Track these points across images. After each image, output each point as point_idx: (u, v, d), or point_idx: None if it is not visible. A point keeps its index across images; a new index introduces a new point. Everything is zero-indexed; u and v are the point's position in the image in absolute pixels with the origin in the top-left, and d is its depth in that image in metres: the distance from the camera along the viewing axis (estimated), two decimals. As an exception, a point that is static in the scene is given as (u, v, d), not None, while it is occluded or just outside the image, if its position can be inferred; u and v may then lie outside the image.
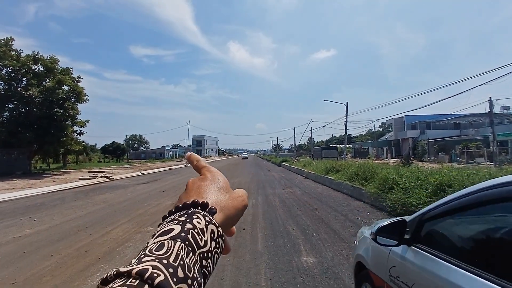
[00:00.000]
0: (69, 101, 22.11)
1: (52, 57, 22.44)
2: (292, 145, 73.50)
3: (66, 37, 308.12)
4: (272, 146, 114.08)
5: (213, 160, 65.28)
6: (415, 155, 35.85)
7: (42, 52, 23.06)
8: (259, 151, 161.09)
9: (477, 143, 31.07)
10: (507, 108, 39.51)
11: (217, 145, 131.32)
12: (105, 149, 63.77)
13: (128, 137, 79.55)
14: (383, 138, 56.44)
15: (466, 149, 30.79)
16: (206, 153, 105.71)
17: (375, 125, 61.27)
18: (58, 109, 20.74)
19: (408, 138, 41.35)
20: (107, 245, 5.09)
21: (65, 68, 22.96)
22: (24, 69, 21.17)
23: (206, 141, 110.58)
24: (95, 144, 72.72)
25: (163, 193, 12.03)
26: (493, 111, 27.99)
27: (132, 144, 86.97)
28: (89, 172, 23.43)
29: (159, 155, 79.98)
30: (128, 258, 4.41)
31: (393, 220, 1.69)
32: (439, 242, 1.64)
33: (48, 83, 21.26)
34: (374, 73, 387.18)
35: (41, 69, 22.05)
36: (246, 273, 3.81)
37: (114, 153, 62.13)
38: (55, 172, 24.71)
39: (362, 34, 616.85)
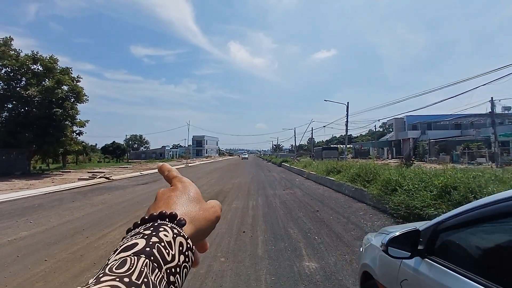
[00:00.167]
0: (69, 101, 21.97)
1: (51, 56, 22.30)
2: (292, 145, 73.42)
3: (66, 37, 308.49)
4: (272, 146, 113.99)
5: (213, 160, 65.17)
6: (416, 156, 35.74)
7: (43, 52, 23.00)
8: (259, 151, 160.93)
9: (478, 143, 30.94)
10: (508, 108, 39.36)
11: (217, 145, 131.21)
12: (105, 149, 63.71)
13: (128, 137, 79.54)
14: (383, 139, 56.28)
15: (468, 149, 30.67)
16: (206, 153, 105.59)
17: (375, 125, 61.21)
18: (57, 109, 20.61)
19: (409, 138, 41.19)
20: (103, 248, 4.96)
21: (64, 68, 22.83)
22: (23, 68, 21.05)
23: (206, 141, 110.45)
24: (95, 144, 72.75)
25: None
26: (495, 112, 27.89)
27: (132, 144, 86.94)
28: (88, 172, 23.32)
29: (160, 155, 79.92)
30: (124, 262, 4.28)
31: (405, 230, 1.55)
32: (456, 254, 1.51)
33: (47, 82, 21.14)
34: (375, 73, 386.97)
35: (40, 69, 21.92)
36: (246, 279, 3.67)
37: (114, 153, 62.07)
38: (54, 173, 24.61)
39: (362, 34, 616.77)
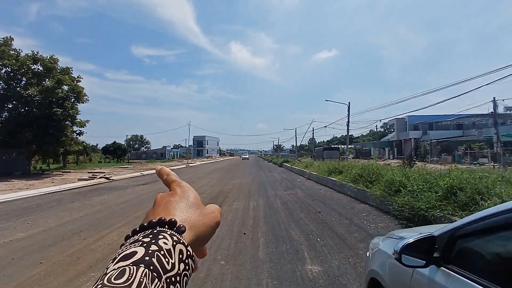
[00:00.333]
0: (69, 101, 21.91)
1: (51, 56, 22.23)
2: (293, 145, 73.35)
3: (67, 37, 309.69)
4: (273, 147, 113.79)
5: (214, 161, 65.08)
6: (417, 156, 35.51)
7: (44, 52, 22.83)
8: (260, 152, 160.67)
9: (480, 143, 30.75)
10: (510, 108, 39.13)
11: (218, 145, 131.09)
12: (106, 150, 63.68)
13: (129, 137, 79.56)
14: (385, 139, 56.07)
15: (469, 150, 30.48)
16: (207, 153, 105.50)
17: (377, 126, 61.01)
18: (57, 108, 20.54)
19: (410, 138, 40.97)
20: (100, 250, 4.85)
21: (64, 67, 22.76)
22: (23, 68, 20.99)
23: (207, 142, 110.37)
24: (96, 144, 72.79)
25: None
26: (497, 112, 27.68)
27: (133, 145, 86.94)
28: (89, 172, 23.22)
29: (160, 155, 79.80)
30: (121, 265, 4.16)
31: (419, 236, 1.43)
32: (475, 263, 1.39)
33: (47, 82, 21.06)
34: (376, 74, 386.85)
35: (40, 68, 21.85)
36: (246, 283, 3.55)
37: (115, 153, 62.02)
38: (54, 173, 24.53)
39: (363, 34, 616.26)
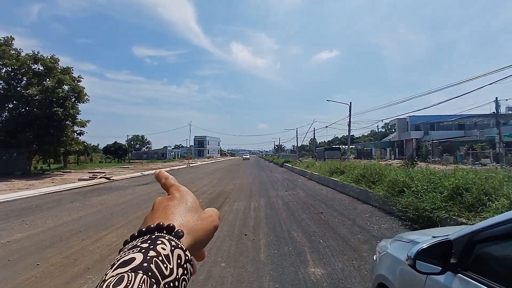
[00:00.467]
0: (69, 101, 21.84)
1: (52, 56, 22.19)
2: (294, 145, 73.23)
3: (69, 38, 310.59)
4: (274, 147, 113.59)
5: (215, 161, 65.00)
6: (419, 156, 35.33)
7: (45, 52, 22.78)
8: (261, 152, 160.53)
9: (482, 144, 30.56)
10: (512, 108, 38.89)
11: (219, 145, 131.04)
12: (107, 150, 63.64)
13: (130, 137, 79.56)
14: (386, 139, 55.88)
15: (471, 150, 30.30)
16: (208, 153, 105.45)
17: (378, 126, 60.85)
18: (58, 108, 20.47)
19: (412, 139, 40.79)
20: (98, 252, 4.75)
21: (65, 67, 22.71)
22: (24, 68, 20.95)
23: (208, 142, 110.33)
24: (97, 144, 72.77)
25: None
26: (499, 112, 27.50)
27: (134, 145, 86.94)
28: (89, 172, 23.16)
29: (161, 155, 79.73)
30: (120, 267, 4.06)
31: (435, 241, 1.33)
32: (495, 269, 1.28)
33: (48, 82, 21.00)
34: (377, 74, 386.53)
35: (41, 68, 21.81)
36: (248, 286, 3.45)
37: (116, 153, 61.97)
38: (55, 173, 24.48)
39: (365, 34, 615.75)
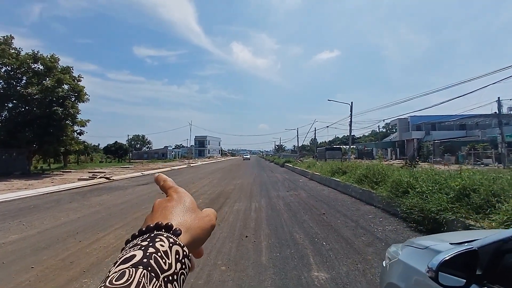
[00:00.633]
0: (69, 100, 21.74)
1: (52, 55, 22.08)
2: (295, 145, 73.06)
3: (69, 38, 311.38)
4: (275, 147, 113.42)
5: (215, 161, 64.88)
6: (420, 156, 35.14)
7: (46, 52, 22.61)
8: (262, 152, 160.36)
9: (484, 144, 30.37)
10: (514, 108, 38.67)
11: (219, 145, 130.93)
12: (107, 149, 63.69)
13: (131, 137, 79.53)
14: (387, 139, 55.69)
15: (473, 150, 30.12)
16: (209, 153, 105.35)
17: (379, 126, 60.66)
18: (57, 107, 20.37)
19: (413, 139, 40.59)
20: (95, 254, 4.62)
21: (65, 67, 22.60)
22: (23, 67, 20.86)
23: (209, 142, 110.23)
24: (98, 144, 72.76)
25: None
26: (502, 112, 27.30)
27: (135, 144, 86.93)
28: (89, 172, 23.07)
29: (162, 155, 79.67)
30: (116, 271, 3.93)
31: (458, 251, 1.20)
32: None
33: (47, 81, 20.90)
34: (377, 74, 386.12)
35: (41, 67, 21.71)
36: (249, 291, 3.32)
37: (116, 153, 61.98)
38: (55, 172, 24.39)
39: (365, 35, 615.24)
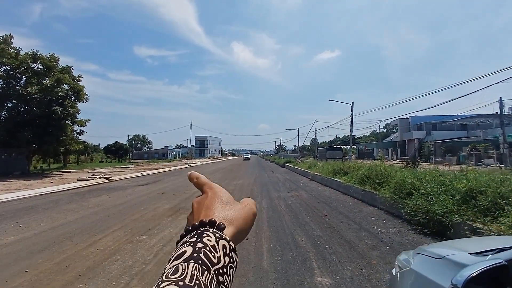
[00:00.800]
0: (69, 100, 21.62)
1: (52, 55, 21.97)
2: (295, 145, 72.90)
3: (70, 38, 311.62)
4: (275, 147, 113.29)
5: (216, 161, 64.76)
6: (421, 157, 35.00)
7: (47, 52, 22.48)
8: (262, 152, 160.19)
9: (485, 144, 30.21)
10: (516, 109, 38.45)
11: (220, 145, 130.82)
12: (107, 149, 63.58)
13: (131, 137, 79.43)
14: (388, 139, 55.48)
15: (475, 150, 29.96)
16: (209, 153, 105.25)
17: (379, 126, 60.49)
18: (57, 107, 20.25)
19: (414, 139, 40.42)
20: (92, 258, 4.50)
21: (65, 66, 22.49)
22: (23, 67, 20.74)
23: (209, 142, 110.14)
24: (98, 144, 72.69)
25: (162, 195, 11.45)
26: (503, 112, 27.15)
27: (135, 144, 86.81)
28: (89, 172, 22.95)
29: (162, 155, 79.53)
30: (113, 275, 3.81)
31: (486, 266, 1.07)
32: None
33: (47, 81, 20.79)
34: (378, 74, 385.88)
35: (40, 67, 21.60)
36: (249, 298, 3.20)
37: (117, 153, 61.86)
38: (54, 173, 24.28)
39: (366, 35, 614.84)
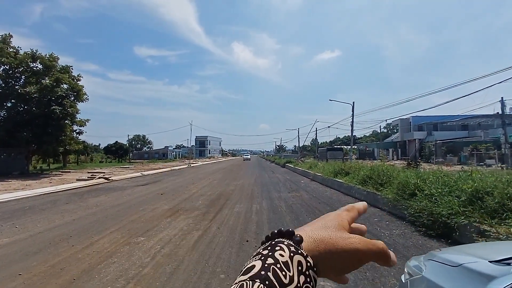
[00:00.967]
0: (68, 99, 21.52)
1: (51, 54, 21.89)
2: (295, 146, 72.74)
3: (71, 38, 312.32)
4: (276, 147, 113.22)
5: (216, 161, 64.65)
6: (422, 157, 34.87)
7: (47, 52, 22.35)
8: (263, 152, 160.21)
9: (487, 145, 30.08)
10: (517, 109, 38.29)
11: (220, 145, 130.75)
12: (108, 149, 63.54)
13: (131, 137, 79.39)
14: (388, 139, 55.34)
15: (476, 151, 29.82)
16: (209, 153, 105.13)
17: (380, 126, 60.35)
18: (56, 106, 20.14)
19: (415, 139, 40.29)
20: (87, 260, 4.37)
21: (64, 66, 22.39)
22: (22, 66, 20.65)
23: (209, 142, 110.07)
24: (98, 144, 72.73)
25: (161, 196, 11.33)
26: (505, 112, 27.02)
27: (136, 144, 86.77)
28: (88, 172, 22.84)
29: (162, 155, 79.49)
30: (108, 279, 3.68)
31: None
32: None
33: (46, 81, 20.69)
34: (378, 74, 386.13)
35: (39, 66, 21.51)
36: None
37: (117, 153, 61.79)
38: (54, 173, 24.17)
39: (366, 35, 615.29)
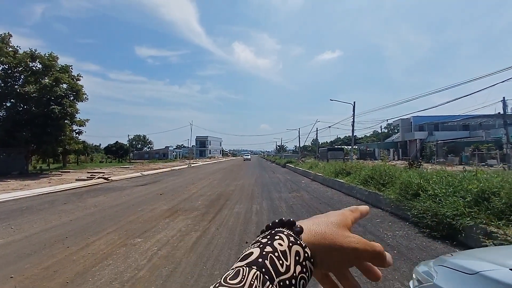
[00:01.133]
0: (67, 99, 21.42)
1: (50, 54, 21.79)
2: (296, 146, 72.63)
3: (71, 38, 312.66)
4: (276, 147, 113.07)
5: (216, 161, 64.56)
6: (423, 157, 34.72)
7: (47, 52, 22.27)
8: (263, 152, 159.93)
9: (488, 145, 29.92)
10: (519, 109, 38.09)
11: (220, 145, 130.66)
12: (108, 149, 63.48)
13: (132, 137, 79.30)
14: (389, 140, 55.17)
15: (477, 151, 29.66)
16: (210, 153, 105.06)
17: (381, 126, 60.15)
18: (55, 106, 20.04)
19: (416, 139, 40.13)
20: (82, 262, 4.25)
21: (64, 65, 22.29)
22: (21, 66, 20.56)
23: (210, 142, 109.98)
24: (99, 144, 72.69)
25: (160, 196, 11.21)
26: (506, 112, 26.86)
27: (136, 145, 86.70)
28: (88, 172, 22.74)
29: (163, 155, 79.41)
30: (103, 281, 3.56)
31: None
32: None
33: (45, 80, 20.60)
34: (379, 75, 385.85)
35: (39, 66, 21.41)
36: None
37: (117, 153, 61.72)
38: (53, 173, 24.08)
39: (367, 35, 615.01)
